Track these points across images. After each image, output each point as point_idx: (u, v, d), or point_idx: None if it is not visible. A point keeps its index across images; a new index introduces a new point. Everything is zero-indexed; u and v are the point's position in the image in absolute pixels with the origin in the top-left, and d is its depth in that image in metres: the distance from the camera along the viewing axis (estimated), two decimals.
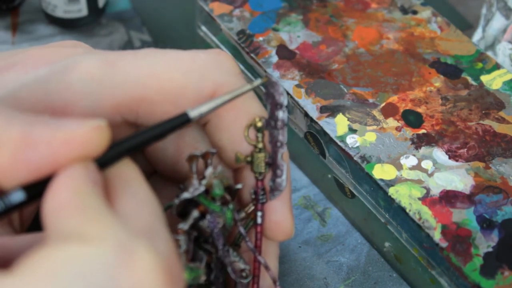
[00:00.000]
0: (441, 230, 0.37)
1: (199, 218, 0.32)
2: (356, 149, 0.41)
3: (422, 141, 0.41)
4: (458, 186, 0.39)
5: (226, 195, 0.32)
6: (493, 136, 0.42)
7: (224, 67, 0.32)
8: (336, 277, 0.41)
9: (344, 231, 0.43)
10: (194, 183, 0.31)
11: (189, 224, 0.31)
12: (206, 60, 0.32)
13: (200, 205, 0.32)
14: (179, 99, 0.31)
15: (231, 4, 0.48)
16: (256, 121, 0.32)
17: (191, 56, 0.32)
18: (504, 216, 0.38)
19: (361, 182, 0.41)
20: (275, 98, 0.32)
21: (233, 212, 0.32)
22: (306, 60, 0.45)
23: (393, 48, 0.46)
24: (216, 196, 0.32)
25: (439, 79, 0.45)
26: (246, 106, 0.33)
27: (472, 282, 0.36)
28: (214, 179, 0.32)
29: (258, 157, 0.33)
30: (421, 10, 0.49)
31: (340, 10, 0.49)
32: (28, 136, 0.25)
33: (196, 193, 0.31)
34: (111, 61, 0.31)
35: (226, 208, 0.32)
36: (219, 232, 0.32)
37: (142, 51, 0.32)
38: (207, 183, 0.32)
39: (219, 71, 0.32)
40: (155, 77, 0.31)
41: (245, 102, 0.33)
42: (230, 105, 0.32)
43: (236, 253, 0.33)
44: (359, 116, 0.42)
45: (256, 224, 0.34)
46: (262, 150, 0.33)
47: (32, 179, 0.26)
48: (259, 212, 0.34)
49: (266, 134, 0.33)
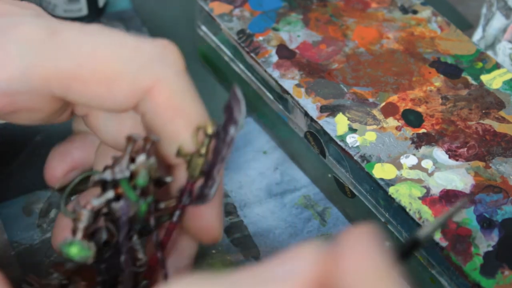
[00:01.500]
0: (441, 230, 0.37)
1: (113, 199, 0.31)
2: (356, 149, 0.41)
3: (422, 140, 0.41)
4: (458, 185, 0.39)
5: (150, 186, 0.31)
6: (493, 135, 0.42)
7: (167, 61, 0.31)
8: None
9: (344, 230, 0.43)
10: (122, 164, 0.31)
11: (100, 203, 0.30)
12: (150, 52, 0.31)
13: (119, 187, 0.31)
14: (113, 86, 0.30)
15: (231, 3, 0.48)
16: (208, 126, 0.31)
17: (136, 44, 0.31)
18: (504, 215, 0.38)
19: (361, 181, 0.41)
20: (233, 114, 0.31)
21: (149, 205, 0.31)
22: (306, 59, 0.45)
23: (393, 48, 0.46)
24: (138, 186, 0.31)
25: (439, 78, 0.45)
26: (186, 108, 0.32)
27: (472, 281, 0.36)
28: (142, 167, 0.31)
29: (197, 162, 0.32)
30: (421, 9, 0.49)
31: (340, 10, 0.49)
32: None
33: (118, 176, 0.30)
34: (53, 31, 0.30)
35: (143, 200, 0.31)
36: (125, 221, 0.31)
37: (90, 28, 0.31)
38: (135, 169, 0.31)
39: (160, 65, 0.31)
40: (92, 58, 0.30)
41: (185, 102, 0.32)
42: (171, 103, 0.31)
43: (139, 242, 0.32)
44: (359, 116, 0.42)
45: (171, 221, 0.33)
46: (203, 156, 0.32)
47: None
48: (178, 211, 0.33)
49: (213, 143, 0.32)
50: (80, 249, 0.30)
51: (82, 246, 0.30)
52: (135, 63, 0.31)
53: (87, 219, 0.30)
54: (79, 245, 0.30)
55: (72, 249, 0.30)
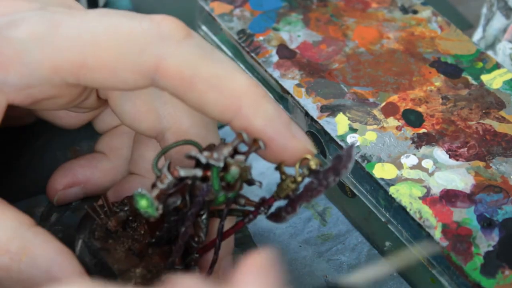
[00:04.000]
0: (442, 229, 0.37)
1: (198, 178, 0.31)
2: (356, 149, 0.41)
3: (422, 140, 0.41)
4: (458, 185, 0.39)
5: (237, 183, 0.32)
6: (493, 135, 0.42)
7: (165, 37, 0.31)
8: (337, 275, 0.41)
9: (345, 230, 0.43)
10: (222, 153, 0.31)
11: (186, 175, 0.31)
12: (147, 32, 0.31)
13: (208, 171, 0.31)
14: (117, 71, 0.31)
15: (231, 3, 0.48)
16: (313, 162, 0.32)
17: (132, 27, 0.31)
18: (504, 215, 0.38)
19: (362, 181, 0.41)
20: (339, 166, 0.31)
21: (227, 199, 0.32)
22: (307, 59, 0.45)
23: (394, 48, 0.46)
24: (225, 179, 0.32)
25: (439, 78, 0.45)
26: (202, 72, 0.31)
27: (473, 281, 0.36)
28: (236, 166, 0.31)
29: (288, 185, 0.33)
30: (421, 9, 0.49)
31: (341, 10, 0.49)
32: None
33: (212, 162, 0.31)
34: (55, 23, 0.31)
35: (224, 192, 0.32)
36: (200, 201, 0.32)
37: (91, 14, 0.32)
38: (230, 163, 0.31)
39: (160, 43, 0.31)
40: (94, 45, 0.31)
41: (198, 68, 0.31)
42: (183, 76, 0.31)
43: (205, 222, 0.34)
44: (359, 116, 0.42)
45: (242, 220, 0.34)
46: (296, 183, 0.33)
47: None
48: (251, 215, 0.34)
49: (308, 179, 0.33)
50: (148, 205, 0.31)
51: (152, 203, 0.31)
52: (135, 46, 0.31)
53: (168, 184, 0.31)
54: (149, 201, 0.31)
55: (142, 201, 0.31)
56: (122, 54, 0.31)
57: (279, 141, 0.32)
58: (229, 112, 0.31)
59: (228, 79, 0.31)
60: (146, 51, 0.31)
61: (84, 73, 0.31)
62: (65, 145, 0.46)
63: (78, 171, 0.40)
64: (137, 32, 0.31)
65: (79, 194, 0.41)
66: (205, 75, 0.31)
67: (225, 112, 0.31)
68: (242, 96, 0.31)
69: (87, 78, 0.31)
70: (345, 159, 0.32)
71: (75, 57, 0.31)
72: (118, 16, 0.32)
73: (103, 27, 0.31)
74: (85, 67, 0.31)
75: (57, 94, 0.33)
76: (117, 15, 0.32)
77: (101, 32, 0.31)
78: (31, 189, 0.43)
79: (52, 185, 0.41)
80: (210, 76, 0.31)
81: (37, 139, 0.46)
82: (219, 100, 0.31)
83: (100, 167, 0.41)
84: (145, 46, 0.31)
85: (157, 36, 0.31)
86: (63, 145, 0.46)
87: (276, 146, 0.32)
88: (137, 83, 0.32)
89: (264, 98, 0.31)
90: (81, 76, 0.31)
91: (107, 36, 0.31)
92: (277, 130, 0.31)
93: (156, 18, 0.32)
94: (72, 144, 0.46)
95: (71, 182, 0.40)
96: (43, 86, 0.32)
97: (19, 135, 0.46)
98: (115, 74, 0.31)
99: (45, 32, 0.31)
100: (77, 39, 0.31)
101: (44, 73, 0.31)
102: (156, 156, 0.33)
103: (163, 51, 0.31)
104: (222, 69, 0.31)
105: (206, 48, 0.32)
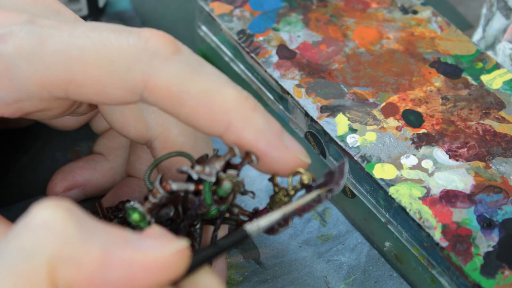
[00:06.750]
0: (442, 230, 0.37)
1: (190, 192, 0.32)
2: (356, 149, 0.41)
3: (422, 140, 0.41)
4: (458, 185, 0.39)
5: (230, 196, 0.32)
6: (493, 135, 0.42)
7: (154, 54, 0.31)
8: (337, 275, 0.41)
9: (345, 230, 0.43)
10: (213, 168, 0.31)
11: (178, 190, 0.31)
12: (134, 48, 0.31)
13: (200, 184, 0.31)
14: (106, 86, 0.31)
15: (231, 4, 0.48)
16: (306, 177, 0.32)
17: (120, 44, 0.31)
18: (504, 215, 0.38)
19: (362, 181, 0.41)
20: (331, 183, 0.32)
21: (219, 211, 0.32)
22: (306, 60, 0.45)
23: (393, 48, 0.46)
24: (217, 193, 0.32)
25: (439, 78, 0.45)
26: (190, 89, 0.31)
27: (473, 281, 0.36)
28: (229, 180, 0.31)
29: (281, 198, 0.33)
30: (421, 10, 0.49)
31: (340, 10, 0.49)
32: (107, 256, 0.25)
33: (204, 177, 0.31)
34: (43, 38, 0.31)
35: (216, 206, 0.32)
36: (193, 214, 0.32)
37: (81, 27, 0.31)
38: (222, 178, 0.31)
39: (148, 60, 0.31)
40: (81, 62, 0.31)
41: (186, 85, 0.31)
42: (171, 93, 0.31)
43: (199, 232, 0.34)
44: (359, 116, 0.42)
45: (234, 229, 0.34)
46: (288, 197, 0.33)
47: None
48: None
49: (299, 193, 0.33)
50: (140, 218, 0.31)
51: (144, 217, 0.31)
52: (123, 63, 0.31)
53: (160, 198, 0.31)
54: (141, 215, 0.31)
55: (134, 215, 0.31)
56: (110, 71, 0.31)
57: (271, 153, 0.31)
58: (220, 127, 0.31)
59: (217, 94, 0.31)
60: (134, 68, 0.30)
61: (72, 88, 0.31)
62: (65, 146, 0.46)
63: (78, 173, 0.41)
64: (125, 49, 0.31)
65: (79, 196, 0.41)
66: (193, 91, 0.31)
67: (215, 127, 0.31)
68: (231, 110, 0.31)
69: (75, 93, 0.31)
70: (337, 176, 0.32)
71: (63, 73, 0.31)
72: (107, 31, 0.31)
73: (91, 42, 0.31)
74: (73, 83, 0.31)
75: (47, 107, 0.33)
76: (106, 30, 0.31)
77: (89, 48, 0.31)
78: (31, 190, 0.43)
79: (52, 189, 0.41)
80: (199, 92, 0.31)
81: (37, 140, 0.46)
82: (209, 115, 0.31)
83: (99, 169, 0.41)
84: (133, 63, 0.30)
85: (145, 53, 0.31)
86: (62, 146, 0.46)
87: (268, 158, 0.32)
88: (125, 99, 0.31)
89: (253, 111, 0.31)
90: (69, 91, 0.31)
91: (95, 53, 0.31)
92: (268, 142, 0.31)
93: (145, 34, 0.31)
94: (71, 145, 0.46)
95: (71, 184, 0.40)
96: (32, 100, 0.32)
97: (19, 136, 0.46)
98: (103, 90, 0.31)
99: (33, 47, 0.31)
100: (65, 55, 0.31)
101: (32, 88, 0.31)
102: (148, 169, 0.33)
103: (151, 68, 0.31)
104: (210, 84, 0.31)
105: (194, 63, 0.31)
